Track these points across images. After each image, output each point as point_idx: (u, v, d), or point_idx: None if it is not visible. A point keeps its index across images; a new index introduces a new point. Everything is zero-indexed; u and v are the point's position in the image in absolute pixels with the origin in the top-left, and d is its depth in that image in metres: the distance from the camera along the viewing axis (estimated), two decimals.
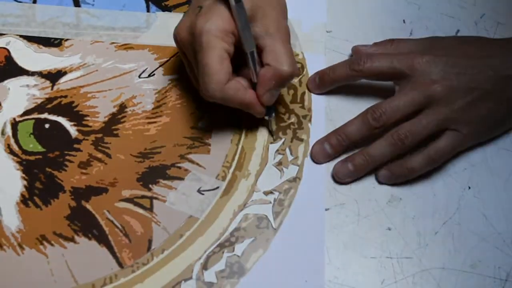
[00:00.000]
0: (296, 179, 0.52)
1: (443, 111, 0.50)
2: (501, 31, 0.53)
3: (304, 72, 0.57)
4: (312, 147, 0.52)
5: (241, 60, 0.48)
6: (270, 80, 0.47)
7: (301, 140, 0.53)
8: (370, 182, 0.52)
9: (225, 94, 0.47)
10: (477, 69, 0.50)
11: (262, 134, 0.53)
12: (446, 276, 0.48)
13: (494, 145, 0.54)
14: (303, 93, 0.56)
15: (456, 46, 0.52)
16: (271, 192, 0.51)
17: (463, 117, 0.50)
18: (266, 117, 0.52)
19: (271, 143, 0.53)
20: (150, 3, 0.60)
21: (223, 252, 0.48)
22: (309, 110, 0.55)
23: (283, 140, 0.53)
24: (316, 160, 0.52)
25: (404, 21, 0.60)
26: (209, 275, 0.47)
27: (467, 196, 0.52)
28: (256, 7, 0.47)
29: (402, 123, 0.50)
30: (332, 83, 0.54)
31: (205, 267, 0.48)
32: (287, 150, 0.53)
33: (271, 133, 0.53)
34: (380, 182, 0.51)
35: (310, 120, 0.54)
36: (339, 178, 0.51)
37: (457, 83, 0.50)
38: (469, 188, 0.52)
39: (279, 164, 0.52)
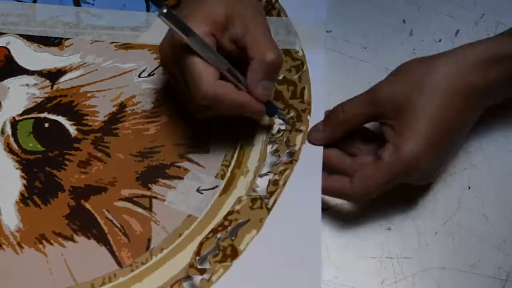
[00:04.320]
0: (292, 161, 0.51)
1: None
2: (501, 31, 0.53)
3: (304, 68, 0.57)
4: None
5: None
6: (257, 71, 0.47)
7: (300, 131, 0.53)
8: None
9: (216, 91, 0.46)
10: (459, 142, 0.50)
11: (261, 131, 0.53)
12: (446, 276, 0.48)
13: (494, 145, 0.54)
14: (303, 88, 0.55)
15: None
16: (266, 174, 0.51)
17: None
18: (273, 117, 0.53)
19: (271, 138, 0.53)
20: (150, 2, 0.60)
21: (216, 237, 0.48)
22: (309, 103, 0.55)
23: (281, 133, 0.53)
24: (310, 137, 0.52)
25: (404, 21, 0.60)
26: (202, 261, 0.47)
27: (467, 196, 0.51)
28: (231, 11, 0.47)
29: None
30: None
31: (198, 253, 0.47)
32: (285, 140, 0.53)
33: (287, 121, 0.53)
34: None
35: (309, 113, 0.54)
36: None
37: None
38: (469, 188, 0.52)
39: (276, 151, 0.52)
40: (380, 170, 0.46)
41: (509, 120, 0.55)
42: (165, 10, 0.44)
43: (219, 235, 0.48)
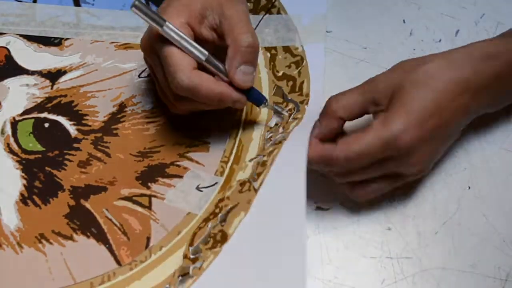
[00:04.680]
0: (281, 141, 0.50)
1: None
2: (501, 31, 0.53)
3: (304, 63, 0.57)
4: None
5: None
6: (234, 56, 0.47)
7: (296, 119, 0.53)
8: None
9: (192, 81, 0.46)
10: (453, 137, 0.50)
11: (259, 125, 0.53)
12: (446, 276, 0.48)
13: (494, 145, 0.53)
14: (302, 82, 0.56)
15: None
16: (255, 158, 0.51)
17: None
18: (262, 107, 0.51)
19: (268, 131, 0.53)
20: (150, 2, 0.60)
21: (208, 226, 0.48)
22: (307, 95, 0.55)
23: (278, 125, 0.53)
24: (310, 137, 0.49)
25: (404, 21, 0.60)
26: (196, 251, 0.47)
27: (467, 196, 0.51)
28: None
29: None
30: None
31: (191, 244, 0.47)
32: (280, 128, 0.52)
33: (281, 113, 0.53)
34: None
35: (307, 103, 0.54)
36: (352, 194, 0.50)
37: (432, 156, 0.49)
38: (469, 188, 0.52)
39: (270, 138, 0.52)
40: (366, 134, 0.45)
41: (509, 120, 0.55)
42: (136, 2, 0.45)
43: (210, 224, 0.48)
